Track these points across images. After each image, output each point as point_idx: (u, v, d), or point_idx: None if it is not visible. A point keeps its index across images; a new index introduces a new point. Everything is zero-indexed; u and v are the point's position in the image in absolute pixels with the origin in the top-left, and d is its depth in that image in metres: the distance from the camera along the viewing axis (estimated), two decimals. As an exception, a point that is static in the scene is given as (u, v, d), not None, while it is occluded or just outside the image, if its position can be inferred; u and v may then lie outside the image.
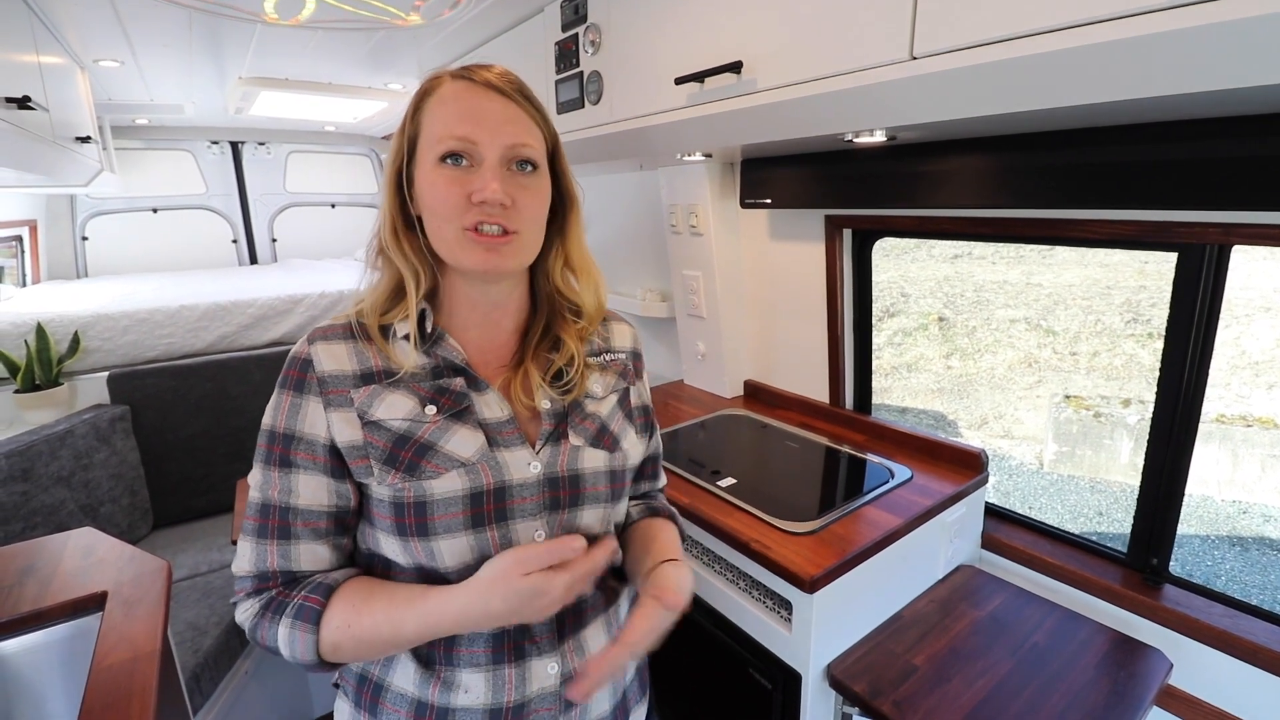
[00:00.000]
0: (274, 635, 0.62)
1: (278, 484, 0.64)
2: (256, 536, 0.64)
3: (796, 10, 0.96)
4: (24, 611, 1.00)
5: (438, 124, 0.64)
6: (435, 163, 0.64)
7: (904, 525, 1.16)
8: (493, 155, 0.64)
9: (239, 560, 0.65)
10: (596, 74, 1.45)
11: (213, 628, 1.65)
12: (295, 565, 0.64)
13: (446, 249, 0.66)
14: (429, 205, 0.65)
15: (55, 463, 1.85)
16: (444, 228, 0.64)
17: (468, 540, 0.63)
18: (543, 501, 0.66)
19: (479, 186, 0.62)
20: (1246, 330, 3.87)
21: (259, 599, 0.64)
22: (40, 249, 3.07)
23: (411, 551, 0.64)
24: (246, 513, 0.66)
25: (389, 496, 0.63)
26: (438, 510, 0.62)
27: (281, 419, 0.65)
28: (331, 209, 3.99)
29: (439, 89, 0.66)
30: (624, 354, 0.81)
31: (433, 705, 0.66)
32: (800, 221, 1.64)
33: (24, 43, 1.57)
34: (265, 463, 0.65)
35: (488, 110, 0.64)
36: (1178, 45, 0.61)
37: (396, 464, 0.63)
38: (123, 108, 2.86)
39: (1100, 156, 1.00)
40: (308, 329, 2.67)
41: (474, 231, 0.63)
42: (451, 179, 0.63)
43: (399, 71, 2.38)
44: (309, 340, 0.66)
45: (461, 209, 0.63)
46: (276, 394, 0.66)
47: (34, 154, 1.59)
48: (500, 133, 0.64)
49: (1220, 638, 1.06)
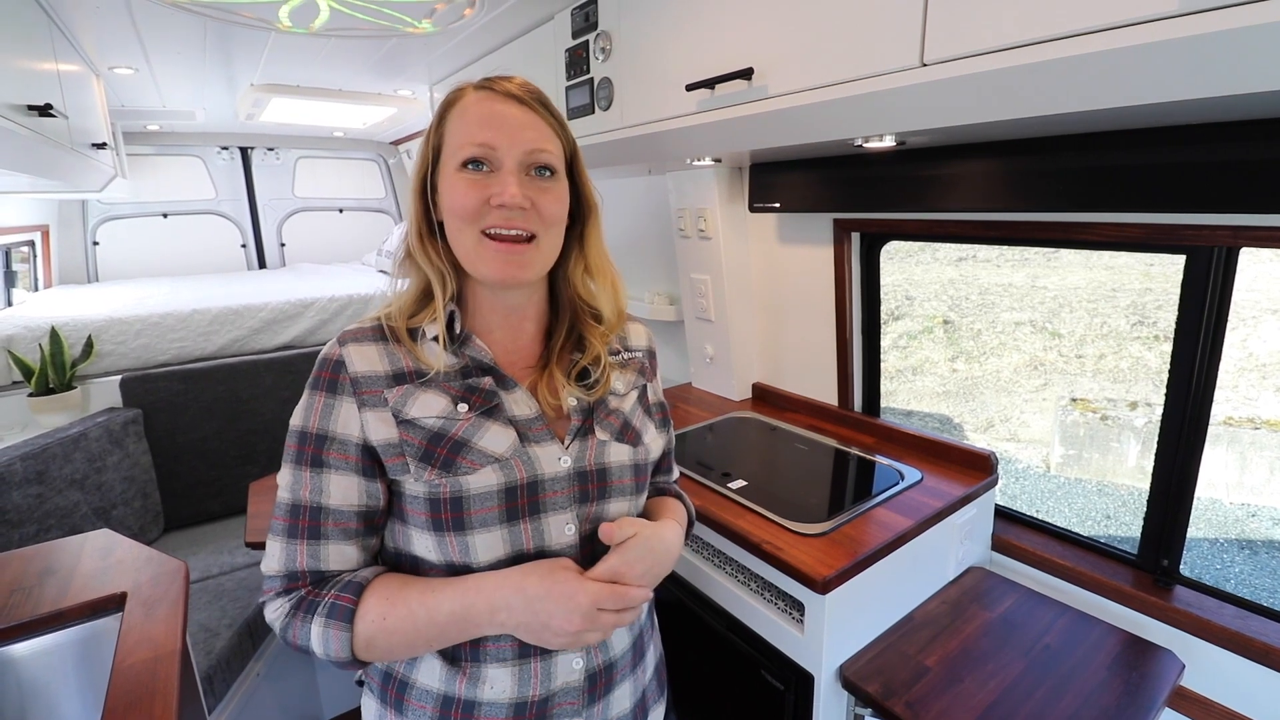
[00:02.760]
0: (306, 634, 0.63)
1: (309, 484, 0.65)
2: (286, 536, 0.65)
3: (808, 17, 0.98)
4: (44, 612, 1.01)
5: (459, 132, 0.66)
6: (456, 169, 0.66)
7: (915, 527, 1.17)
8: (511, 160, 0.66)
9: (268, 560, 0.66)
10: (607, 80, 1.46)
11: (225, 629, 1.66)
12: (324, 565, 0.65)
13: (465, 255, 0.67)
14: (449, 209, 0.67)
15: (69, 466, 1.86)
16: (464, 232, 0.66)
17: (501, 534, 0.65)
18: (573, 495, 0.68)
19: (498, 190, 0.64)
20: (1254, 333, 3.85)
21: (288, 599, 0.65)
22: (52, 254, 3.10)
23: (446, 547, 0.65)
24: (275, 513, 0.66)
25: (424, 493, 0.64)
26: (474, 505, 0.64)
27: (314, 419, 0.65)
28: (340, 214, 4.02)
29: (461, 99, 0.68)
30: (640, 352, 0.83)
31: (459, 699, 0.67)
32: (808, 225, 1.65)
33: (44, 51, 1.59)
34: (296, 463, 0.65)
35: (507, 117, 0.66)
36: (1186, 52, 0.62)
37: (432, 460, 0.64)
38: (135, 114, 2.90)
39: (1109, 160, 1.00)
40: (318, 333, 2.65)
41: (491, 237, 0.65)
42: (471, 183, 0.65)
43: (409, 78, 2.41)
44: (339, 342, 0.67)
45: (480, 212, 0.65)
46: (308, 395, 0.67)
47: (53, 160, 1.61)
48: (518, 139, 0.66)
49: (1232, 639, 1.07)
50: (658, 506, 0.80)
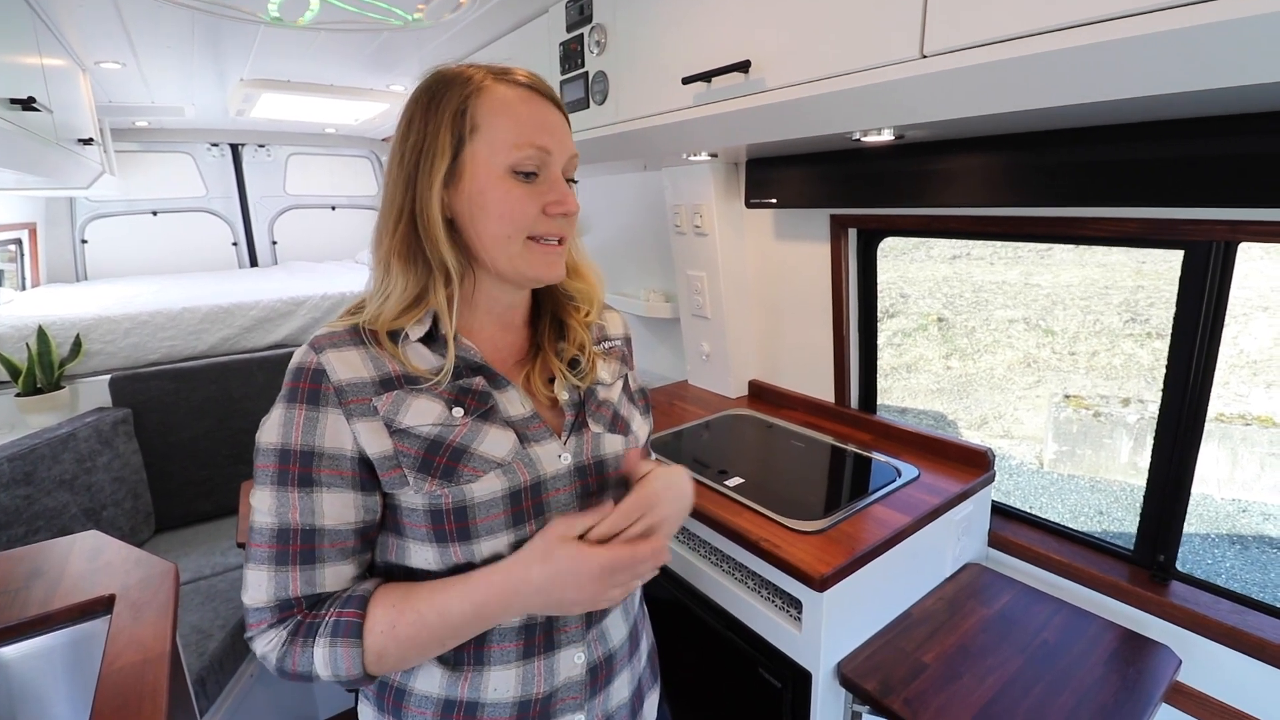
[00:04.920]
0: (308, 660, 0.59)
1: (297, 505, 0.60)
2: (275, 564, 0.60)
3: (806, 9, 0.97)
4: (31, 615, 1.00)
5: (509, 130, 0.62)
6: (506, 171, 0.62)
7: (912, 524, 1.17)
8: (557, 168, 0.66)
9: (253, 592, 0.60)
10: (602, 74, 1.45)
11: (217, 631, 1.64)
12: (320, 588, 0.61)
13: (505, 258, 0.65)
14: (496, 214, 0.63)
15: (57, 466, 1.84)
16: (513, 238, 0.64)
17: (507, 538, 0.64)
18: (575, 491, 0.68)
19: (555, 199, 0.64)
20: (1245, 329, 3.88)
21: (283, 628, 0.60)
22: (40, 252, 3.06)
23: (449, 557, 0.63)
24: (255, 539, 0.60)
25: (424, 505, 0.61)
26: (479, 513, 0.62)
27: (296, 435, 0.60)
28: (332, 211, 3.99)
29: (496, 90, 0.63)
30: (619, 340, 0.83)
31: (461, 701, 0.66)
32: (805, 221, 1.64)
33: (27, 45, 1.57)
34: (279, 484, 0.60)
35: (557, 122, 0.66)
36: (1188, 42, 0.62)
37: (431, 470, 0.61)
38: (123, 110, 2.86)
39: (1108, 154, 1.00)
40: (310, 331, 2.64)
41: (536, 242, 0.65)
42: (528, 192, 0.64)
43: (401, 73, 2.39)
44: (315, 349, 0.61)
45: (533, 220, 0.64)
46: (284, 409, 0.61)
47: (37, 156, 1.59)
48: (566, 146, 0.66)
49: (1228, 634, 1.07)
50: None
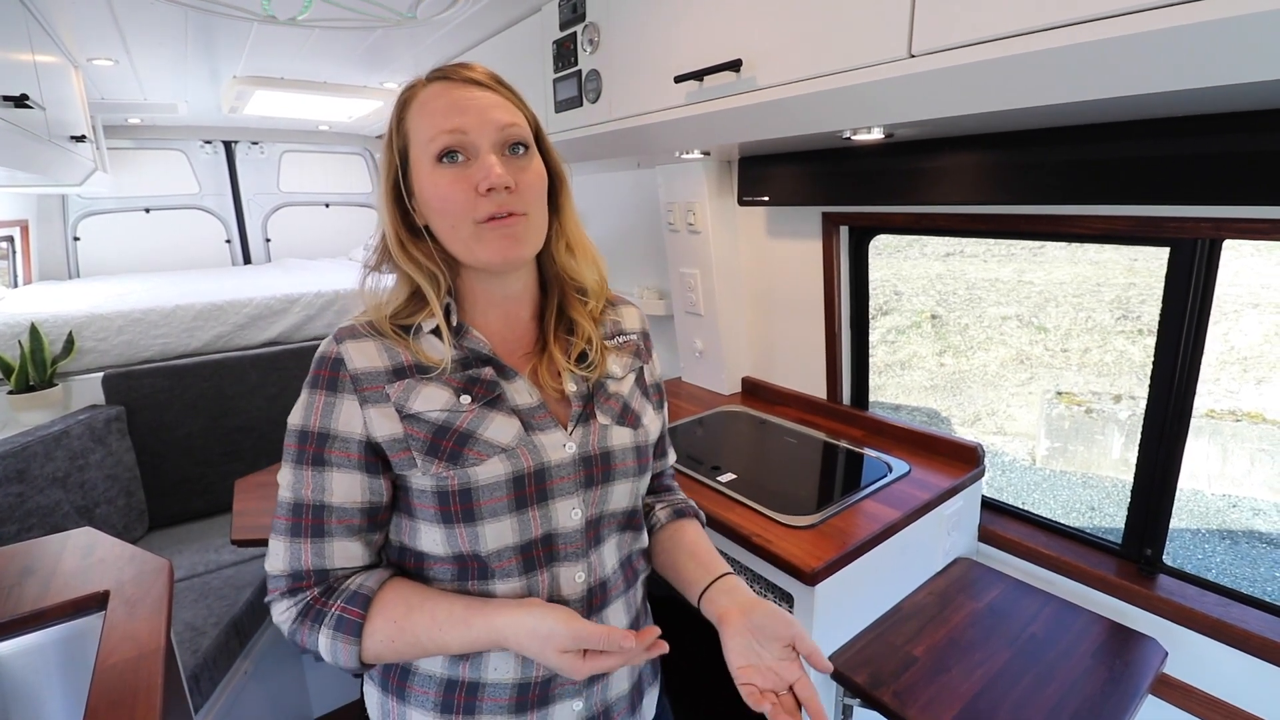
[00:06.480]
0: (314, 641, 0.65)
1: (310, 482, 0.65)
2: (290, 535, 0.65)
3: (796, 9, 0.97)
4: (24, 612, 1.00)
5: (426, 125, 0.65)
6: (432, 164, 0.64)
7: (903, 518, 1.18)
8: (486, 142, 0.64)
9: (272, 559, 0.66)
10: (595, 72, 1.45)
11: (211, 628, 1.64)
12: (329, 563, 0.66)
13: (463, 248, 0.66)
14: (436, 208, 0.65)
15: (50, 464, 1.83)
16: (458, 227, 0.65)
17: (510, 522, 0.65)
18: (579, 480, 0.69)
19: (481, 175, 0.63)
20: (1235, 326, 3.91)
21: (295, 601, 0.65)
22: (32, 249, 3.04)
23: (455, 539, 0.65)
24: (277, 512, 0.66)
25: (432, 486, 0.64)
26: (483, 496, 0.64)
27: (315, 418, 0.65)
28: (325, 209, 3.97)
29: (418, 95, 0.67)
30: (635, 334, 0.84)
31: (463, 681, 0.68)
32: (798, 219, 1.65)
33: (19, 41, 1.56)
34: (297, 462, 0.65)
35: (472, 100, 0.65)
36: (1174, 42, 0.63)
37: (439, 453, 0.64)
38: (116, 107, 2.85)
39: (1095, 153, 1.01)
40: (304, 328, 2.62)
41: (487, 224, 0.64)
42: (454, 177, 0.64)
43: (395, 70, 2.38)
44: (337, 340, 0.67)
45: (470, 204, 0.64)
46: (307, 394, 0.66)
47: (30, 153, 1.58)
48: (488, 119, 0.65)
49: (1214, 626, 1.08)
50: (690, 547, 0.80)
